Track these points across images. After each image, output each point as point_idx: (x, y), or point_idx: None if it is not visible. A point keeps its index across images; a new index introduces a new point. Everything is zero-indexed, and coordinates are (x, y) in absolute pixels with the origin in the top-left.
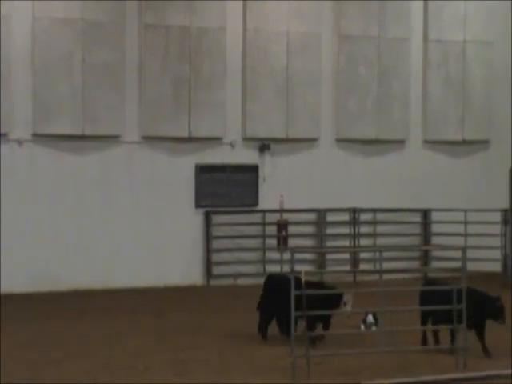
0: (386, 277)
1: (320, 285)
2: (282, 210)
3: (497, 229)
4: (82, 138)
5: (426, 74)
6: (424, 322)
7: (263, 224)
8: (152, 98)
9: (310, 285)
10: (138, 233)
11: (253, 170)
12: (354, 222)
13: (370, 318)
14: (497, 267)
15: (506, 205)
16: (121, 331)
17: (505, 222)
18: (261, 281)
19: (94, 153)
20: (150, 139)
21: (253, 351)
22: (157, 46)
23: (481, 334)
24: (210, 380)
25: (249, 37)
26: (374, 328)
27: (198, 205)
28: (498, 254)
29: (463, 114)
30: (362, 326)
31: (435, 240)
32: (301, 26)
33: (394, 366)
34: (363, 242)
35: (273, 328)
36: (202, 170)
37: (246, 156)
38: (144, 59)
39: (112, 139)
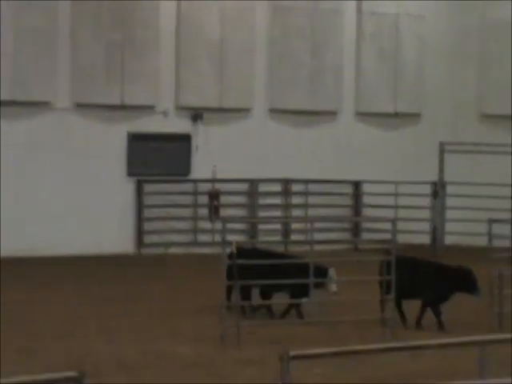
0: (316, 247)
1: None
2: (214, 180)
3: (426, 201)
4: (12, 103)
5: (359, 46)
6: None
7: (195, 193)
8: (84, 64)
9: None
10: (70, 201)
11: (185, 139)
12: (286, 192)
13: None
14: (426, 239)
15: (435, 177)
16: (47, 299)
17: (434, 194)
18: (192, 250)
19: (25, 119)
20: (82, 106)
21: (183, 320)
22: (89, 12)
23: (438, 308)
24: (138, 347)
25: (183, 6)
26: (304, 299)
27: (129, 173)
28: (427, 227)
29: (396, 87)
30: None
31: (366, 211)
32: None
33: (324, 337)
34: (295, 212)
35: (208, 299)
36: (134, 139)
37: (178, 125)
38: (76, 26)
39: (43, 105)
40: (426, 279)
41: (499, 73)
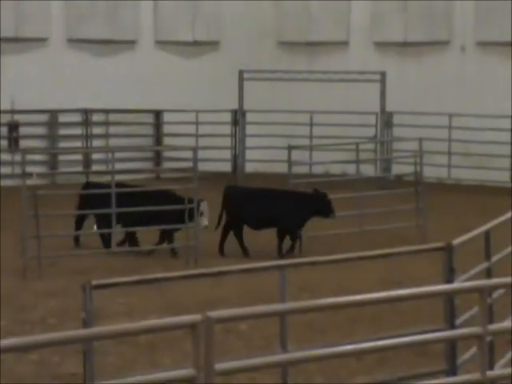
0: (118, 177)
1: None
2: (13, 111)
3: (227, 129)
4: None
5: None
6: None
7: None
8: None
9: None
10: None
11: None
12: (87, 123)
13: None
14: (227, 167)
15: (235, 105)
16: None
17: (234, 122)
18: None
19: None
20: None
21: None
22: None
23: (287, 234)
24: None
25: None
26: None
27: None
28: (228, 155)
29: (194, 15)
30: (95, 227)
31: (167, 141)
32: None
33: (126, 267)
34: (96, 143)
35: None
36: None
37: None
38: None
39: None
40: (283, 207)
41: (295, 1)
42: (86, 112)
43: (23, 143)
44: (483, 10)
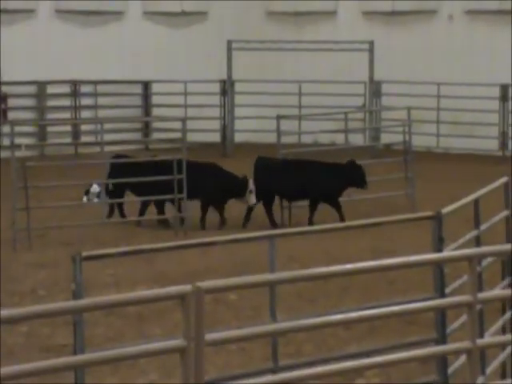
0: (107, 148)
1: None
2: (0, 83)
3: (216, 100)
4: None
5: None
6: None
7: None
8: None
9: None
10: None
11: None
12: (75, 94)
13: (96, 188)
14: (216, 138)
15: (224, 76)
16: None
17: (223, 92)
18: None
19: None
20: None
21: None
22: None
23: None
24: None
25: None
26: (96, 199)
27: None
28: (217, 125)
29: None
30: (85, 198)
31: (156, 111)
32: None
33: (115, 237)
34: (84, 114)
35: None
36: None
37: None
38: None
39: None
40: (319, 178)
41: None
42: (75, 83)
43: (11, 115)
44: None
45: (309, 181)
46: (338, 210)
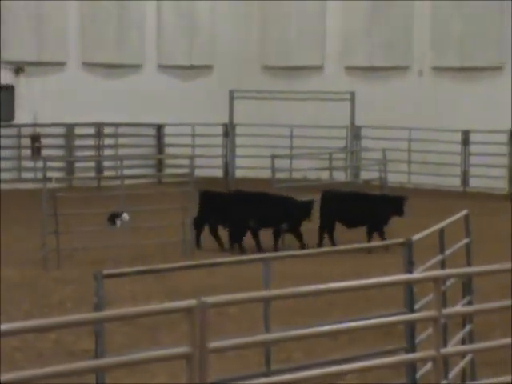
0: (126, 182)
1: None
2: (35, 125)
3: (219, 140)
4: None
5: (159, 7)
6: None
7: (19, 137)
8: None
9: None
10: None
11: (9, 89)
12: (99, 135)
13: (126, 216)
14: (219, 173)
15: (226, 120)
16: None
17: (225, 134)
18: (16, 186)
19: None
20: None
21: (7, 245)
22: None
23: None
24: None
25: None
26: (118, 224)
27: None
28: (220, 162)
29: (191, 43)
30: (118, 222)
31: (168, 150)
32: None
33: (132, 257)
34: (107, 152)
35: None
36: None
37: (3, 77)
38: None
39: None
40: (371, 208)
41: (279, 30)
42: (99, 125)
43: (44, 152)
44: (438, 40)
45: (365, 210)
46: (381, 235)
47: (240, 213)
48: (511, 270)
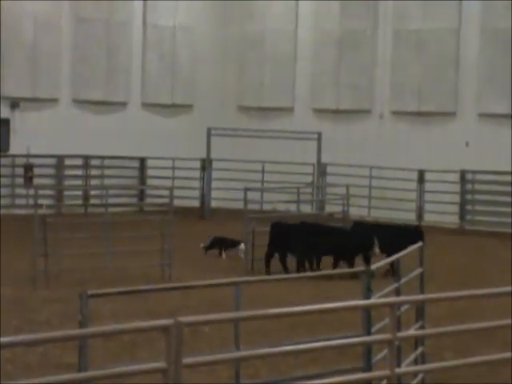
0: (110, 209)
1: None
2: (28, 155)
3: (197, 174)
4: None
5: (144, 51)
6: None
7: (13, 166)
8: None
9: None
10: None
11: (5, 122)
12: (87, 166)
13: (243, 246)
14: (196, 203)
15: (204, 155)
16: None
17: (203, 168)
18: (9, 212)
19: None
20: None
21: (0, 265)
22: None
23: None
24: None
25: (3, 14)
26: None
27: None
28: (197, 193)
29: (173, 84)
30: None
31: (149, 181)
32: (44, 7)
33: (115, 279)
34: (93, 182)
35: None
36: None
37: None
38: None
39: None
40: (393, 239)
41: (254, 73)
42: (87, 158)
43: (36, 181)
44: (397, 86)
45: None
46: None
47: (308, 243)
48: (461, 298)
